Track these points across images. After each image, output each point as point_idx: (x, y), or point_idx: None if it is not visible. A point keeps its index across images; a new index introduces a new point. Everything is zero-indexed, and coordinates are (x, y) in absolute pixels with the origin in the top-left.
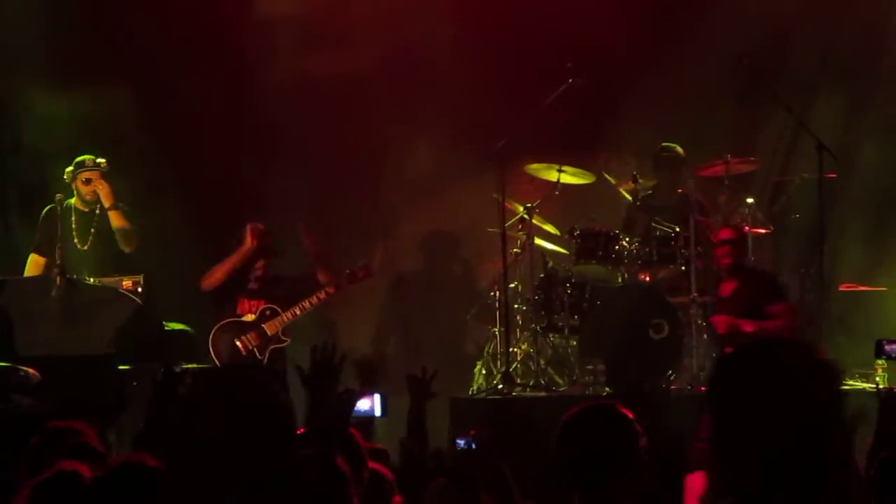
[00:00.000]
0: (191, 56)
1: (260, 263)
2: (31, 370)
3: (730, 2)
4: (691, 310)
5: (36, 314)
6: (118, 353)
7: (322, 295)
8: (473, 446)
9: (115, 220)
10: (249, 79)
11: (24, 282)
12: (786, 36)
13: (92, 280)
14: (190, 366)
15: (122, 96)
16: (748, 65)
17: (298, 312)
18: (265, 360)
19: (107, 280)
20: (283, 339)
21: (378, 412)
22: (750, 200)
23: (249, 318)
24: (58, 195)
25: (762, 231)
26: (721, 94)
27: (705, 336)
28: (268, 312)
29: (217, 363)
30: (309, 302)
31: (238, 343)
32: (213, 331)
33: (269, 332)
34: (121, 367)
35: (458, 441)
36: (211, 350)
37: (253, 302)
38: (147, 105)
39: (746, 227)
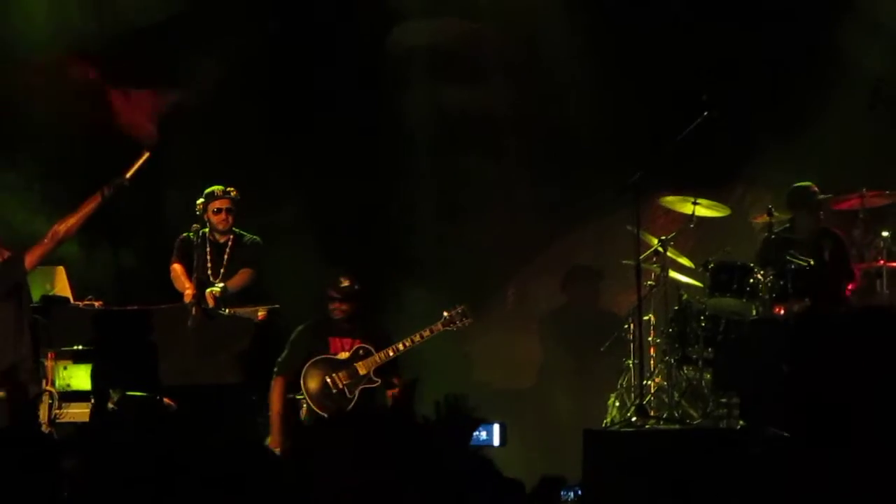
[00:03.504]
0: (328, 85)
1: (340, 306)
2: (167, 400)
3: (864, 34)
4: None
5: (173, 344)
6: (250, 383)
7: (417, 338)
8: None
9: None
10: (384, 110)
11: (162, 312)
12: None
13: (227, 311)
14: None
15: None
16: (885, 95)
17: (392, 353)
18: (354, 398)
19: (243, 310)
20: (375, 379)
21: (497, 442)
22: (885, 234)
23: (343, 356)
24: (195, 225)
25: None
26: (858, 126)
27: None
28: (361, 352)
29: (308, 399)
30: (403, 344)
31: (328, 380)
32: (307, 367)
33: (360, 372)
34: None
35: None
36: (302, 385)
37: (346, 340)
38: (279, 133)
39: (882, 261)
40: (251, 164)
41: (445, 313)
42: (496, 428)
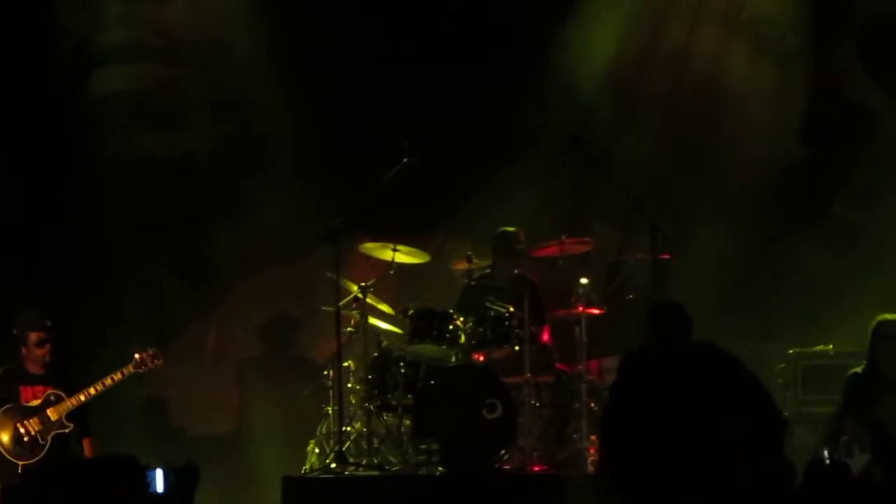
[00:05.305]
0: (22, 130)
1: (44, 350)
2: None
3: (562, 90)
4: (525, 390)
5: None
6: None
7: (108, 381)
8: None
9: None
10: (82, 155)
11: None
12: (618, 116)
13: None
14: None
15: None
16: (582, 145)
17: (83, 398)
18: (47, 445)
19: None
20: (67, 424)
21: (160, 488)
22: (584, 281)
23: (34, 403)
24: None
25: (596, 312)
26: (556, 176)
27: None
28: (52, 398)
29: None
30: (94, 388)
31: (20, 428)
32: None
33: (52, 418)
34: None
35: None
36: None
37: (37, 388)
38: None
39: (580, 308)
40: None
41: (137, 355)
42: (159, 473)
